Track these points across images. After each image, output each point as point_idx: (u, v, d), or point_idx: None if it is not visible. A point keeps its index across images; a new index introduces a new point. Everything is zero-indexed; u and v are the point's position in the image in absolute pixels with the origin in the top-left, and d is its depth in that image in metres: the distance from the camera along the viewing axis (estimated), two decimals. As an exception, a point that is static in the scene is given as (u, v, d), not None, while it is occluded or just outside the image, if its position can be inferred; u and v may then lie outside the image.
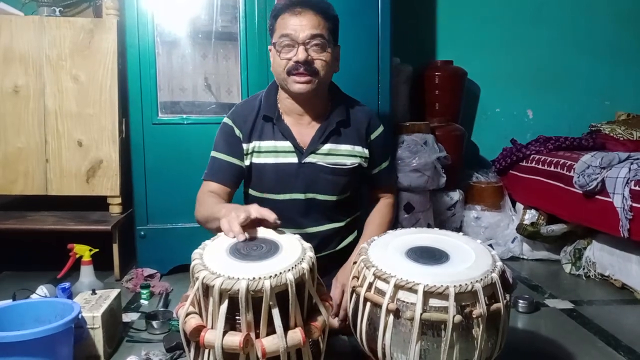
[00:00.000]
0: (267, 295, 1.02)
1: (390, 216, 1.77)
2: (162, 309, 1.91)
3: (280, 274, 1.04)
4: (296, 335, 1.07)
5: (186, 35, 2.32)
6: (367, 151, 1.69)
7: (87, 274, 1.98)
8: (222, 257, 1.12)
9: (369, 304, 1.17)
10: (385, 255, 1.21)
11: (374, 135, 1.71)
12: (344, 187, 1.68)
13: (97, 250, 2.05)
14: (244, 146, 1.63)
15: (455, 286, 1.08)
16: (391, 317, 1.12)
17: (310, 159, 1.63)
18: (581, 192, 2.25)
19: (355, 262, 1.29)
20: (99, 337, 1.53)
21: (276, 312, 1.04)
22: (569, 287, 2.31)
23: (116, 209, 2.34)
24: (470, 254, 1.21)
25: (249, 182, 1.70)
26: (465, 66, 3.01)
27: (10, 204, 2.50)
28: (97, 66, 2.25)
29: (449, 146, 2.70)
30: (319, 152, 1.63)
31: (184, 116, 2.32)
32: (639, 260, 2.12)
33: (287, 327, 1.07)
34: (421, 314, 1.07)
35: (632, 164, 2.11)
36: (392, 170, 1.84)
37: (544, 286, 2.30)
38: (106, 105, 2.27)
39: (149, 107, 2.28)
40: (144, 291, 2.06)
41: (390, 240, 1.29)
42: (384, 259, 1.19)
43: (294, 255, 1.12)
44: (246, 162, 1.64)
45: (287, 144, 1.62)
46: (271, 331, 1.05)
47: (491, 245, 2.67)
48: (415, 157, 2.54)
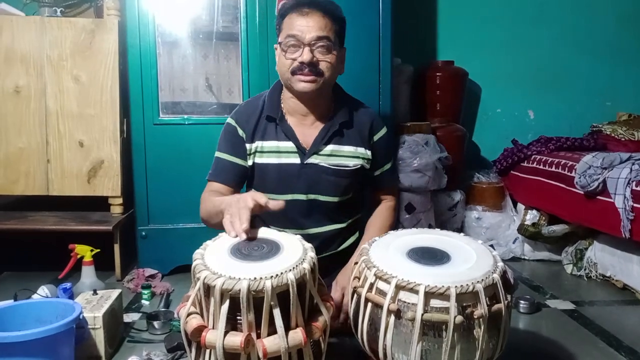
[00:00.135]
0: (268, 295, 1.02)
1: (391, 219, 1.77)
2: (163, 309, 1.91)
3: (281, 274, 1.04)
4: (297, 335, 1.07)
5: (187, 35, 2.32)
6: (369, 153, 1.68)
7: (88, 274, 1.99)
8: (224, 257, 1.12)
9: (370, 305, 1.17)
10: (386, 255, 1.21)
11: (376, 136, 1.70)
12: (346, 188, 1.68)
13: (98, 250, 2.05)
14: (247, 146, 1.63)
15: (456, 287, 1.07)
16: (392, 318, 1.12)
17: (312, 160, 1.62)
18: (582, 192, 2.25)
19: (356, 263, 1.29)
20: (100, 337, 1.54)
21: (277, 312, 1.04)
22: (570, 288, 2.31)
23: (117, 209, 2.34)
24: (471, 255, 1.21)
25: (251, 182, 1.69)
26: (466, 66, 3.01)
27: (11, 204, 2.50)
28: (98, 66, 2.26)
29: (450, 146, 2.70)
30: (321, 153, 1.63)
31: (185, 116, 2.32)
32: (640, 260, 2.13)
33: (288, 327, 1.07)
34: (422, 315, 1.07)
35: (633, 164, 2.11)
36: (394, 172, 1.83)
37: (545, 287, 2.30)
38: (107, 105, 2.27)
39: (150, 107, 2.28)
40: (145, 291, 2.06)
41: (391, 240, 1.29)
42: (385, 259, 1.19)
43: (295, 255, 1.12)
44: (249, 162, 1.64)
45: (289, 145, 1.62)
46: (272, 331, 1.05)
47: (492, 245, 2.67)
48: (416, 157, 2.54)
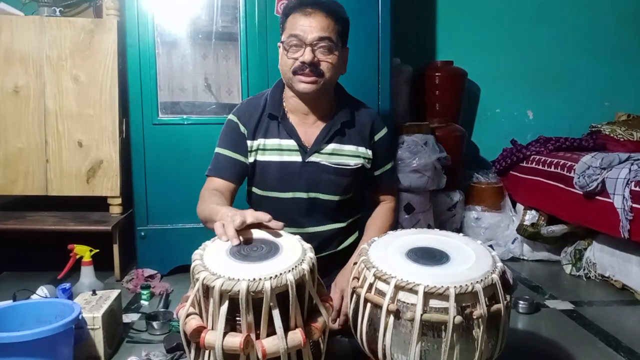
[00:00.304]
0: (267, 296, 1.02)
1: (391, 220, 1.76)
2: (163, 310, 1.91)
3: (280, 274, 1.04)
4: (296, 336, 1.07)
5: (186, 35, 2.32)
6: (370, 152, 1.69)
7: (87, 274, 1.98)
8: (223, 258, 1.12)
9: (369, 305, 1.17)
10: (385, 256, 1.21)
11: (377, 136, 1.71)
12: (346, 187, 1.68)
13: (98, 250, 2.05)
14: (249, 143, 1.63)
15: (455, 287, 1.08)
16: (391, 318, 1.12)
17: (313, 159, 1.63)
18: (581, 192, 2.25)
19: (355, 263, 1.29)
20: (99, 337, 1.53)
21: (276, 313, 1.04)
22: (569, 288, 2.31)
23: (116, 210, 2.34)
24: (470, 255, 1.21)
25: (252, 180, 1.70)
26: (465, 66, 3.01)
27: (10, 204, 2.50)
28: (97, 66, 2.25)
29: (449, 147, 2.70)
30: (322, 151, 1.64)
31: (184, 116, 2.32)
32: (639, 261, 2.12)
33: (287, 328, 1.07)
34: (421, 315, 1.07)
35: (632, 164, 2.11)
36: (394, 173, 1.83)
37: (545, 287, 2.30)
38: (106, 105, 2.27)
39: (149, 107, 2.28)
40: (145, 292, 2.06)
41: (390, 241, 1.29)
42: (385, 259, 1.19)
43: (294, 256, 1.12)
44: (250, 159, 1.64)
45: (291, 143, 1.63)
46: (271, 332, 1.05)
47: (491, 246, 2.67)
48: (415, 157, 2.54)
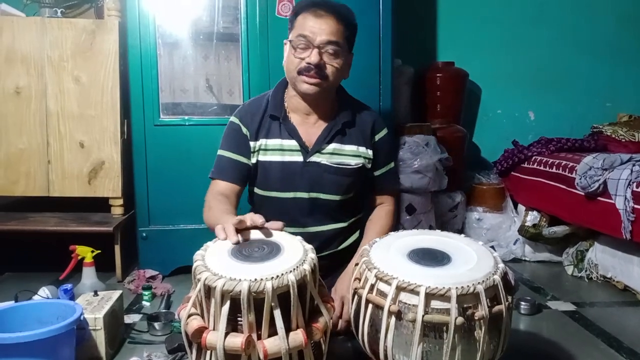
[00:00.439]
0: (268, 296, 1.02)
1: (390, 224, 1.73)
2: (164, 311, 1.91)
3: (282, 275, 1.04)
4: (298, 336, 1.07)
5: (188, 36, 2.32)
6: (371, 152, 1.69)
7: (89, 275, 1.98)
8: (224, 258, 1.12)
9: (370, 306, 1.16)
10: (387, 256, 1.21)
11: (378, 136, 1.71)
12: (347, 187, 1.68)
13: (99, 251, 2.04)
14: (251, 144, 1.64)
15: (457, 288, 1.07)
16: (393, 319, 1.12)
17: (315, 158, 1.64)
18: (583, 193, 2.25)
19: (356, 264, 1.29)
20: (100, 338, 1.53)
21: (278, 314, 1.04)
22: (571, 289, 2.30)
23: (118, 211, 2.34)
24: (472, 256, 1.21)
25: (254, 181, 1.70)
26: (466, 67, 3.01)
27: (12, 204, 2.50)
28: (98, 67, 2.26)
29: (450, 148, 2.69)
30: (324, 151, 1.64)
31: (186, 117, 2.32)
32: (641, 261, 2.12)
33: (288, 329, 1.07)
34: (423, 316, 1.07)
35: (634, 165, 2.11)
36: (394, 175, 1.82)
37: (546, 288, 2.29)
38: (108, 106, 2.27)
39: (150, 108, 2.28)
40: (146, 292, 2.06)
41: (392, 241, 1.29)
42: (386, 260, 1.19)
43: (295, 256, 1.12)
44: (252, 160, 1.65)
45: (293, 143, 1.63)
46: (273, 332, 1.05)
47: (493, 247, 2.66)
48: (416, 158, 2.54)
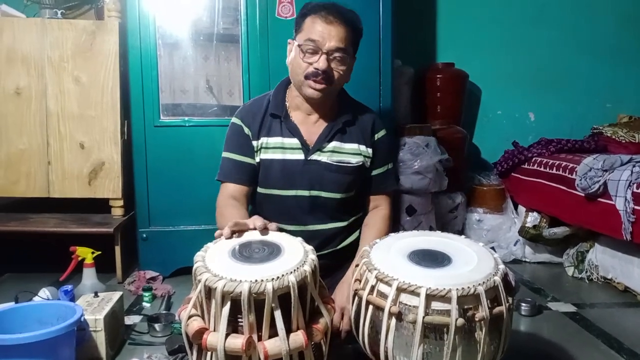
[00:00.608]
0: (269, 297, 1.01)
1: (386, 231, 1.69)
2: (165, 312, 1.91)
3: (282, 276, 1.04)
4: (298, 337, 1.07)
5: (188, 37, 2.32)
6: (370, 151, 1.70)
7: (89, 276, 1.98)
8: (225, 259, 1.12)
9: (371, 307, 1.16)
10: (387, 258, 1.21)
11: (377, 136, 1.72)
12: (348, 185, 1.69)
13: (99, 252, 2.05)
14: (253, 143, 1.65)
15: (457, 289, 1.07)
16: (393, 320, 1.11)
17: (315, 157, 1.64)
18: (583, 194, 2.25)
19: (357, 265, 1.29)
20: (101, 339, 1.53)
21: (278, 315, 1.04)
22: (571, 290, 2.30)
23: (118, 211, 2.34)
24: (472, 257, 1.21)
25: (256, 179, 1.71)
26: (466, 68, 3.01)
27: (12, 205, 2.50)
28: (98, 68, 2.26)
29: (450, 148, 2.69)
30: (324, 149, 1.65)
31: (186, 118, 2.32)
32: (641, 263, 2.12)
33: (289, 330, 1.07)
34: (423, 317, 1.07)
35: (634, 166, 2.11)
36: (391, 176, 1.80)
37: (547, 289, 2.29)
38: (108, 107, 2.27)
39: (150, 109, 2.28)
40: (146, 294, 2.06)
41: (392, 243, 1.29)
42: (386, 261, 1.19)
43: (296, 257, 1.12)
44: (256, 159, 1.66)
45: (294, 141, 1.64)
46: (273, 334, 1.05)
47: (493, 248, 2.66)
48: (417, 159, 2.54)
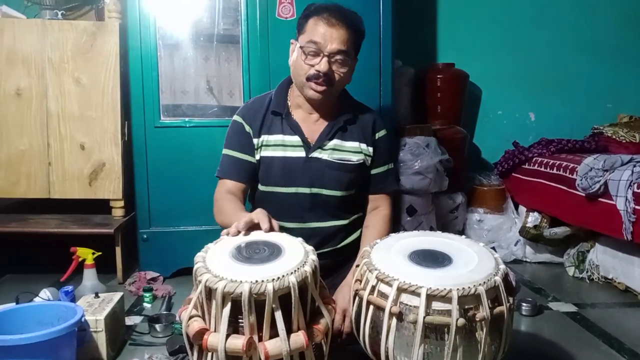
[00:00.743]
0: (269, 298, 1.01)
1: (387, 232, 1.68)
2: (165, 312, 1.91)
3: (283, 277, 1.04)
4: (299, 338, 1.07)
5: (188, 38, 2.32)
6: (371, 149, 1.71)
7: (89, 277, 1.98)
8: (225, 260, 1.12)
9: (371, 307, 1.16)
10: (388, 258, 1.21)
11: (378, 135, 1.73)
12: (349, 183, 1.69)
13: (100, 253, 2.04)
14: (255, 141, 1.65)
15: (458, 289, 1.07)
16: (394, 321, 1.11)
17: (316, 154, 1.65)
18: (584, 194, 2.25)
19: (357, 266, 1.29)
20: (101, 340, 1.53)
21: (279, 315, 1.04)
22: (572, 290, 2.30)
23: (119, 212, 2.34)
24: (473, 257, 1.21)
25: (257, 177, 1.71)
26: (466, 68, 3.01)
27: (12, 206, 2.50)
28: (99, 69, 2.26)
29: (451, 149, 2.69)
30: (325, 147, 1.66)
31: (186, 119, 2.32)
32: (642, 263, 2.12)
33: (290, 330, 1.07)
34: (424, 317, 1.07)
35: (634, 166, 2.11)
36: (391, 176, 1.80)
37: (547, 289, 2.29)
38: (108, 107, 2.27)
39: (151, 109, 2.28)
40: (147, 294, 2.06)
41: (393, 243, 1.29)
42: (387, 262, 1.19)
43: (296, 258, 1.12)
44: (257, 156, 1.66)
45: (295, 139, 1.65)
46: (274, 334, 1.05)
47: (494, 248, 2.66)
48: (417, 159, 2.54)
